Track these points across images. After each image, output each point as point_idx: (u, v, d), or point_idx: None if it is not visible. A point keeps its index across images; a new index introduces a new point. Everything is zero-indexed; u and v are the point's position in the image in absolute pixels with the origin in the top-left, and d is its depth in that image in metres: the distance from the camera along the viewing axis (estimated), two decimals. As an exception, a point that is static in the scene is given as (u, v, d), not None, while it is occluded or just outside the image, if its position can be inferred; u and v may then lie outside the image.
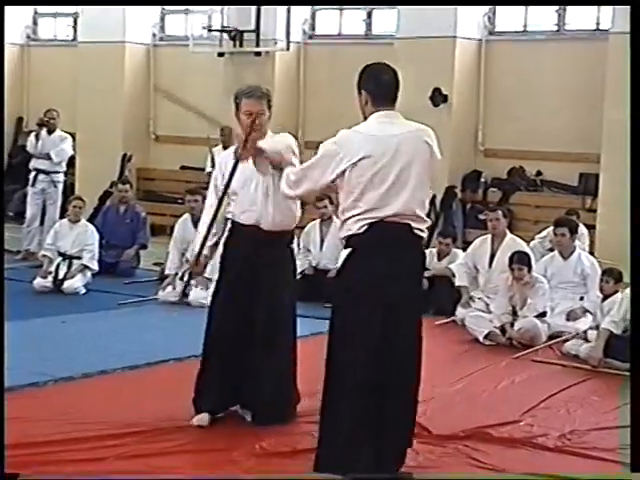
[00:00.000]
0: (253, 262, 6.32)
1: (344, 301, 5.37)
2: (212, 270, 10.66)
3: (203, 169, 16.11)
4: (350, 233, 5.31)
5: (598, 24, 13.83)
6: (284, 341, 6.42)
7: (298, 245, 11.62)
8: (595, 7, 13.86)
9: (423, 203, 5.37)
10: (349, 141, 5.30)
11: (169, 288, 10.87)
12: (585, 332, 8.97)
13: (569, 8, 14.09)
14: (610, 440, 6.27)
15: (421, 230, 5.37)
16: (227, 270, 6.48)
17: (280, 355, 6.37)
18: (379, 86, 5.41)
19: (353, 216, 5.28)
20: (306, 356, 6.51)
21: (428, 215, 5.52)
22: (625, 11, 12.47)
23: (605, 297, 9.07)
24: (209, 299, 10.48)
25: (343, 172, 5.25)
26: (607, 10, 13.30)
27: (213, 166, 15.08)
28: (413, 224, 5.30)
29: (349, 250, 5.34)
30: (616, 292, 8.86)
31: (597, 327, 8.70)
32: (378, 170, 5.22)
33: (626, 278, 9.18)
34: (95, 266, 11.45)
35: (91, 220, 12.60)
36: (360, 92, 5.42)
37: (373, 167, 5.22)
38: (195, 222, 10.95)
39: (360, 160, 5.21)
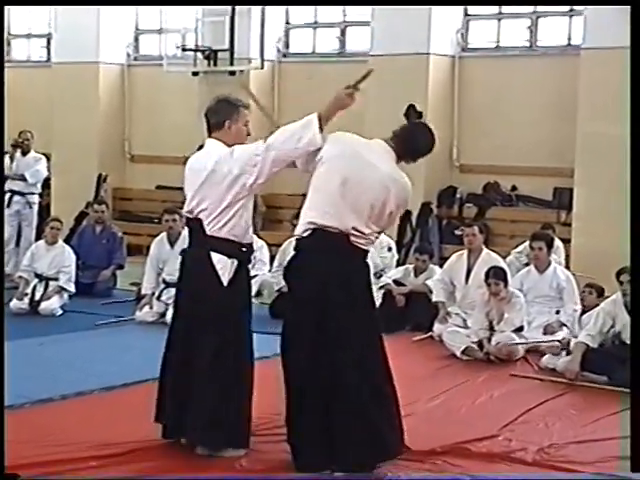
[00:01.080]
0: None
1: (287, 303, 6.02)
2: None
3: (179, 188, 16.11)
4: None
5: (570, 39, 13.94)
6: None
7: (272, 262, 11.65)
8: (567, 23, 13.98)
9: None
10: None
11: (146, 308, 10.85)
12: (568, 342, 8.97)
13: (541, 24, 14.19)
14: (588, 453, 6.31)
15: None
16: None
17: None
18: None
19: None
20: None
21: (405, 231, 5.76)
22: (596, 27, 12.63)
23: (584, 310, 9.12)
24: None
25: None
26: (578, 26, 13.41)
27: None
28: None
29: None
30: (597, 305, 8.91)
31: (575, 337, 8.75)
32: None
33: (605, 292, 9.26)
34: (72, 288, 11.41)
35: (67, 241, 12.56)
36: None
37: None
38: (171, 241, 10.95)
39: None
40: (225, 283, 6.04)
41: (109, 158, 17.20)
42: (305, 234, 5.83)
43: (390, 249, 11.41)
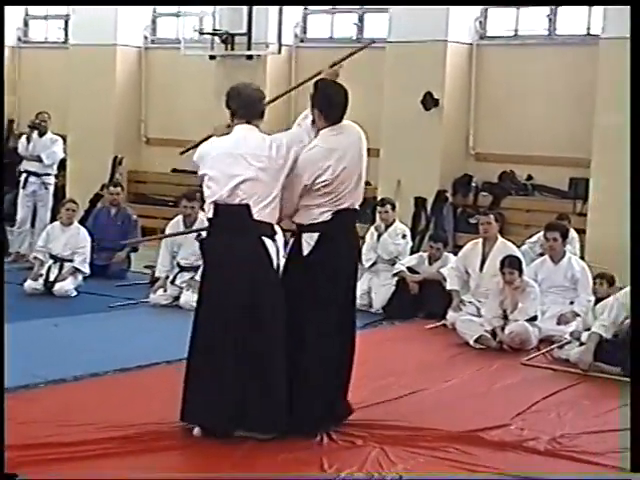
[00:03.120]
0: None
1: None
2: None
3: (194, 172, 16.10)
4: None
5: (589, 29, 13.87)
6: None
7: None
8: (586, 12, 13.90)
9: None
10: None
11: (160, 291, 10.88)
12: (580, 333, 8.96)
13: (560, 13, 14.12)
14: (601, 444, 6.30)
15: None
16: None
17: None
18: (331, 107, 6.46)
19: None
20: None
21: (419, 219, 5.85)
22: (616, 16, 12.56)
23: (598, 300, 9.11)
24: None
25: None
26: (598, 15, 13.33)
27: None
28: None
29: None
30: (609, 295, 8.89)
31: (588, 329, 8.73)
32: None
33: (618, 282, 9.23)
34: (86, 269, 11.45)
35: (82, 222, 12.58)
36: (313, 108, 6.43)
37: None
38: (187, 226, 10.96)
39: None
40: (275, 267, 6.19)
41: (125, 141, 17.22)
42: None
43: (404, 236, 11.39)
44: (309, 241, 6.29)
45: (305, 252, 6.28)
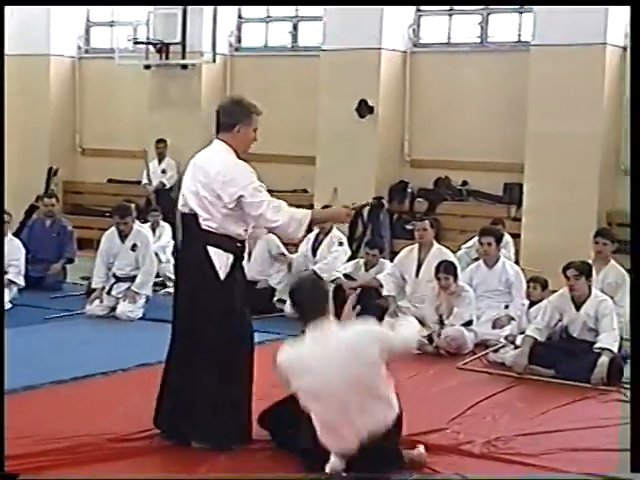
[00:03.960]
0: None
1: None
2: (141, 284, 10.74)
3: (131, 182, 16.07)
4: None
5: (520, 36, 14.06)
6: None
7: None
8: (517, 19, 14.10)
9: None
10: None
11: (96, 302, 10.81)
12: (514, 337, 9.07)
13: (492, 20, 14.30)
14: (534, 446, 6.37)
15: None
16: None
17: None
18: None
19: None
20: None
21: (356, 226, 5.82)
22: (546, 23, 12.74)
23: (532, 304, 9.21)
24: (136, 313, 10.60)
25: None
26: (528, 22, 13.52)
27: (149, 178, 15.18)
28: None
29: None
30: (543, 299, 9.00)
31: (522, 333, 8.83)
32: None
33: (552, 285, 9.35)
34: (21, 281, 11.33)
35: (17, 234, 12.47)
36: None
37: None
38: (122, 236, 10.90)
39: None
40: (222, 277, 6.12)
41: (60, 151, 17.10)
42: None
43: (341, 244, 11.43)
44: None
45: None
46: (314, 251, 11.29)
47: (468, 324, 9.45)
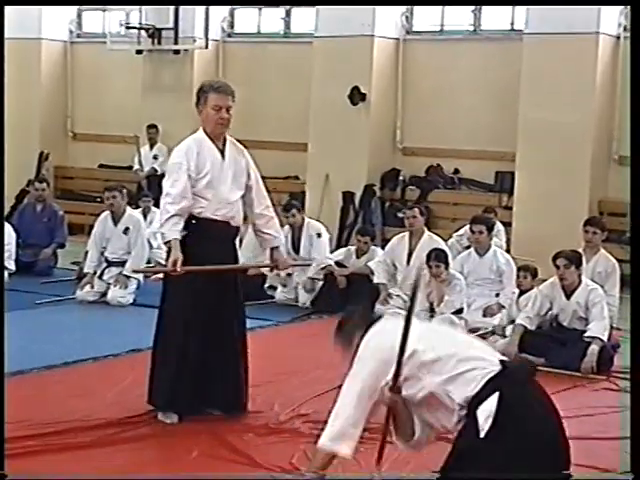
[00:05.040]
0: (222, 258, 6.42)
1: None
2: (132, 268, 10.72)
3: (122, 167, 16.05)
4: None
5: (512, 24, 14.05)
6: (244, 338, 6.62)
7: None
8: (509, 8, 14.08)
9: None
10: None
11: (87, 287, 10.79)
12: (504, 328, 9.09)
13: (484, 9, 14.29)
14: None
15: None
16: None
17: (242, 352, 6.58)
18: None
19: None
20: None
21: (348, 213, 5.75)
22: (538, 12, 12.73)
23: (522, 292, 9.23)
24: (127, 298, 10.58)
25: None
26: (521, 11, 13.51)
27: (141, 164, 15.16)
28: None
29: None
30: (532, 287, 9.01)
31: (512, 322, 8.85)
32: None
33: (541, 274, 9.36)
34: (12, 266, 11.32)
35: (8, 219, 12.45)
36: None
37: None
38: (115, 219, 10.89)
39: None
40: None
41: (51, 136, 17.07)
42: None
43: (319, 235, 11.13)
44: None
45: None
46: (295, 248, 11.12)
47: (459, 312, 9.48)
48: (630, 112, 5.96)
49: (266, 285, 11.21)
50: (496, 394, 4.22)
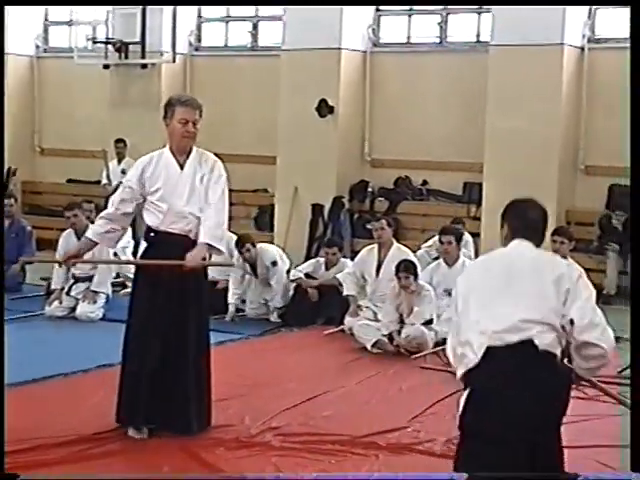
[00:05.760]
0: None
1: None
2: (99, 283, 10.70)
3: (91, 182, 15.98)
4: None
5: (478, 36, 14.14)
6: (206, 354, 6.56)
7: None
8: (475, 20, 14.18)
9: None
10: None
11: (56, 303, 10.75)
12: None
13: (451, 20, 14.37)
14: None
15: None
16: (148, 281, 6.42)
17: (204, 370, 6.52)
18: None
19: None
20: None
21: (317, 225, 5.74)
22: (504, 24, 12.83)
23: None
24: (96, 313, 10.54)
25: None
26: (487, 23, 13.61)
27: (109, 178, 15.09)
28: None
29: None
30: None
31: (482, 333, 8.86)
32: None
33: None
34: (-20, 282, 11.26)
35: (-25, 235, 12.37)
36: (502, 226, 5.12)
37: None
38: (78, 236, 10.82)
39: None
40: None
41: (18, 151, 16.96)
42: None
43: (275, 263, 10.98)
44: None
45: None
46: (255, 272, 11.06)
47: (428, 323, 9.49)
48: (630, 118, 5.98)
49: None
50: None
